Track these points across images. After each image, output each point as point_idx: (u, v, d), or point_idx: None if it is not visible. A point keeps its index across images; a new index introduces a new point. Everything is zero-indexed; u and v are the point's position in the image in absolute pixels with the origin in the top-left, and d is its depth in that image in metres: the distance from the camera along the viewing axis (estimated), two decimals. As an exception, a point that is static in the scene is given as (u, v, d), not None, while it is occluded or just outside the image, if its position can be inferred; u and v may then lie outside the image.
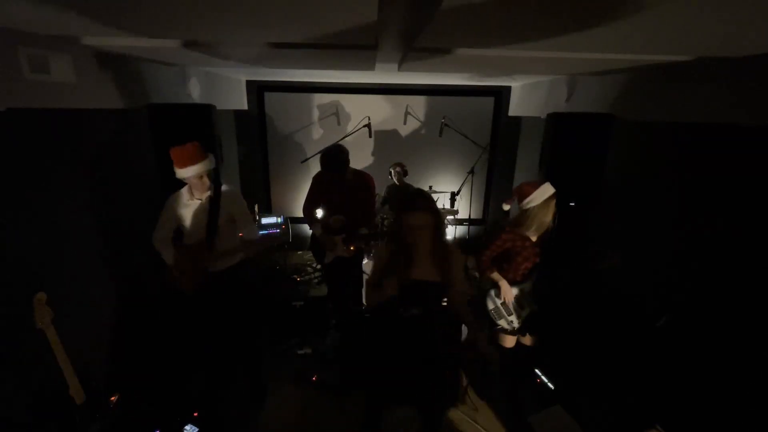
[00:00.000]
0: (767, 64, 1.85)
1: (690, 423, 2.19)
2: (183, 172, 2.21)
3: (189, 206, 2.34)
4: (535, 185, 2.25)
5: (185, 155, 2.19)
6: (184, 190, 2.37)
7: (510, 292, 2.35)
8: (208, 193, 2.32)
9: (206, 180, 2.28)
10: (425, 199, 1.78)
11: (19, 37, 1.76)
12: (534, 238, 2.32)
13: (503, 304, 2.40)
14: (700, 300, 2.27)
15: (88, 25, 1.63)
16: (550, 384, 2.86)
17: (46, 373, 1.85)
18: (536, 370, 2.95)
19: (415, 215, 1.73)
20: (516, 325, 2.41)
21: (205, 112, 2.80)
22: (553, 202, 2.25)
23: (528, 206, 2.24)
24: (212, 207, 2.31)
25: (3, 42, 1.71)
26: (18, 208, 1.88)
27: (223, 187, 2.38)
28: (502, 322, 2.43)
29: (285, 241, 4.31)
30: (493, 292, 2.43)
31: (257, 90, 4.73)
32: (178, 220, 2.37)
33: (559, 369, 2.92)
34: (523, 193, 2.26)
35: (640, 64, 2.30)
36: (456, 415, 2.65)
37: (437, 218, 1.78)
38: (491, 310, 2.44)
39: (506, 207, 2.43)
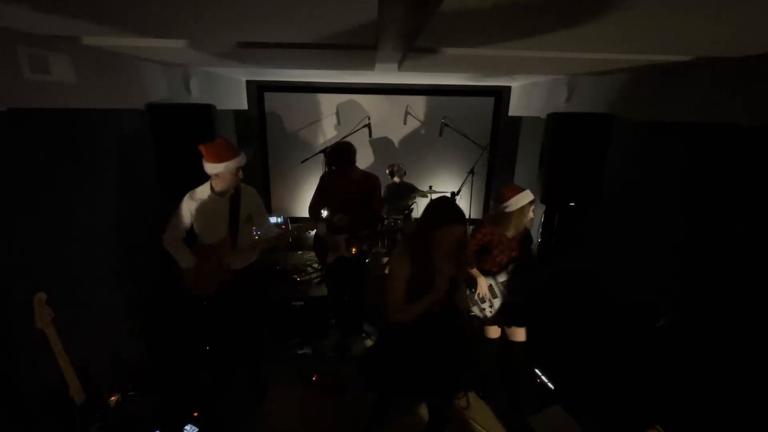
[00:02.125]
0: (767, 64, 1.85)
1: (690, 423, 2.19)
2: (218, 167, 2.15)
3: (209, 204, 2.29)
4: (516, 191, 2.38)
5: (222, 149, 2.15)
6: (204, 188, 2.31)
7: (485, 287, 2.49)
8: (230, 190, 2.30)
9: (241, 174, 2.25)
10: (462, 215, 1.80)
11: (19, 37, 1.77)
12: (510, 235, 2.47)
13: (477, 294, 2.51)
14: (700, 300, 2.27)
15: (88, 25, 1.63)
16: (550, 384, 2.86)
17: (46, 373, 1.85)
18: (536, 370, 2.95)
19: (460, 228, 1.75)
20: (488, 313, 2.53)
21: (205, 112, 2.80)
22: (530, 208, 2.39)
23: (506, 210, 2.37)
24: (234, 204, 2.30)
25: (3, 42, 1.71)
26: (18, 207, 1.88)
27: (243, 185, 2.38)
28: (475, 310, 2.55)
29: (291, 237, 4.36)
30: (468, 281, 2.55)
31: (257, 90, 4.73)
32: (196, 218, 2.31)
33: (559, 369, 2.92)
34: (504, 196, 2.39)
35: (640, 64, 2.30)
36: (456, 414, 2.65)
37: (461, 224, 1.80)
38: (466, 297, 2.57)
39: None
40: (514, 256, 2.50)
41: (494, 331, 2.64)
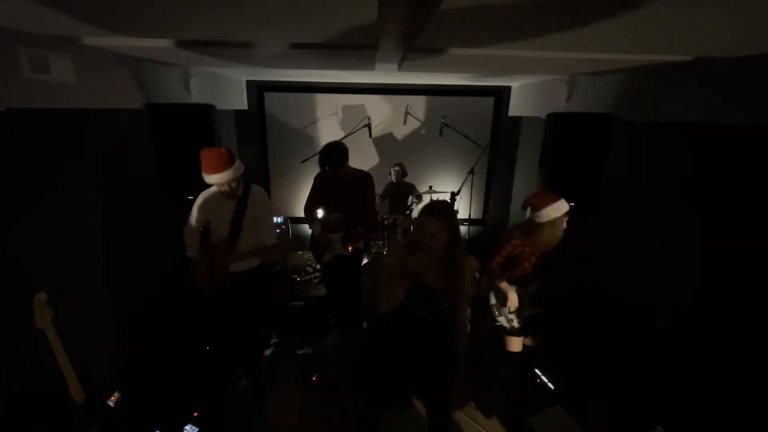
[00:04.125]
0: (767, 64, 1.85)
1: (692, 424, 2.18)
2: (208, 179, 2.21)
3: (218, 204, 2.36)
4: (549, 200, 2.15)
5: (212, 162, 2.17)
6: (215, 188, 2.35)
7: (516, 301, 2.33)
8: (239, 194, 2.35)
9: (233, 185, 2.25)
10: (444, 208, 1.80)
11: (19, 37, 1.77)
12: (543, 248, 2.28)
13: (507, 308, 2.40)
14: (700, 300, 2.27)
15: (87, 25, 1.63)
16: (550, 384, 2.86)
17: (46, 373, 1.85)
18: (536, 370, 2.95)
19: (430, 220, 1.75)
20: (516, 324, 2.42)
21: (205, 112, 2.80)
22: (564, 220, 2.18)
23: (537, 220, 2.17)
24: (239, 206, 2.34)
25: (3, 42, 1.71)
26: (18, 207, 1.88)
27: (253, 187, 2.41)
28: (502, 320, 2.45)
29: (298, 248, 4.44)
30: (495, 289, 2.45)
31: (257, 90, 4.73)
32: (206, 217, 2.39)
33: (559, 369, 2.92)
34: (535, 206, 2.17)
35: (640, 64, 2.30)
36: (456, 415, 2.64)
37: (452, 228, 1.77)
38: (492, 306, 2.49)
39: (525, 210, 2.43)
40: (542, 266, 2.33)
41: (517, 344, 2.42)
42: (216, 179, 2.19)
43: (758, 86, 1.92)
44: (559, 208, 2.14)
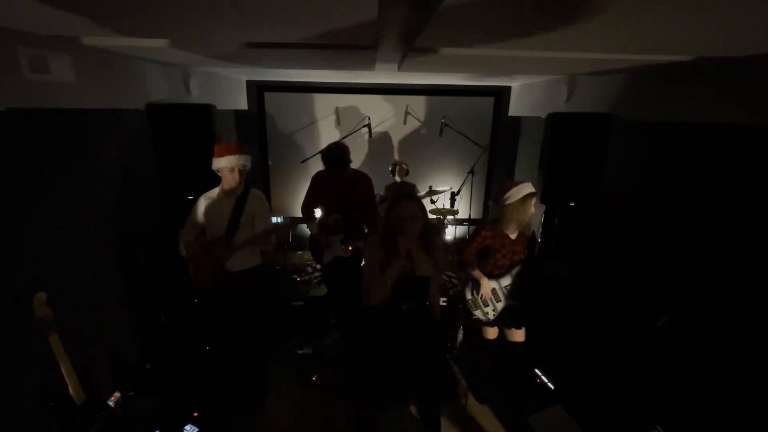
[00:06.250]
0: (767, 64, 1.85)
1: (692, 424, 2.19)
2: (218, 162, 2.31)
3: (216, 202, 2.40)
4: (515, 184, 2.34)
5: (228, 146, 2.33)
6: (216, 188, 2.44)
7: (488, 289, 2.45)
8: (238, 191, 2.39)
9: (236, 174, 2.35)
10: (412, 195, 1.97)
11: (19, 37, 1.76)
12: (513, 236, 2.42)
13: (480, 296, 2.48)
14: (701, 300, 2.27)
15: (87, 25, 1.63)
16: (550, 384, 2.86)
17: (46, 373, 1.85)
18: (536, 370, 2.95)
19: (405, 206, 1.89)
20: (491, 316, 2.50)
21: (205, 112, 2.80)
22: (530, 201, 2.32)
23: (506, 203, 2.33)
24: (237, 205, 2.39)
25: (3, 42, 1.71)
26: (18, 207, 1.88)
27: (253, 190, 2.47)
28: (478, 313, 2.53)
29: (285, 240, 4.38)
30: (471, 284, 2.53)
31: (257, 90, 4.73)
32: (204, 215, 2.42)
33: (559, 369, 2.92)
34: (504, 189, 2.36)
35: (640, 64, 2.30)
36: (455, 414, 2.64)
37: (424, 211, 1.93)
38: (469, 301, 2.55)
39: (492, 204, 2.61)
40: (517, 259, 2.46)
41: (492, 332, 2.63)
42: (229, 161, 2.30)
43: (758, 86, 1.92)
44: (525, 188, 2.30)
